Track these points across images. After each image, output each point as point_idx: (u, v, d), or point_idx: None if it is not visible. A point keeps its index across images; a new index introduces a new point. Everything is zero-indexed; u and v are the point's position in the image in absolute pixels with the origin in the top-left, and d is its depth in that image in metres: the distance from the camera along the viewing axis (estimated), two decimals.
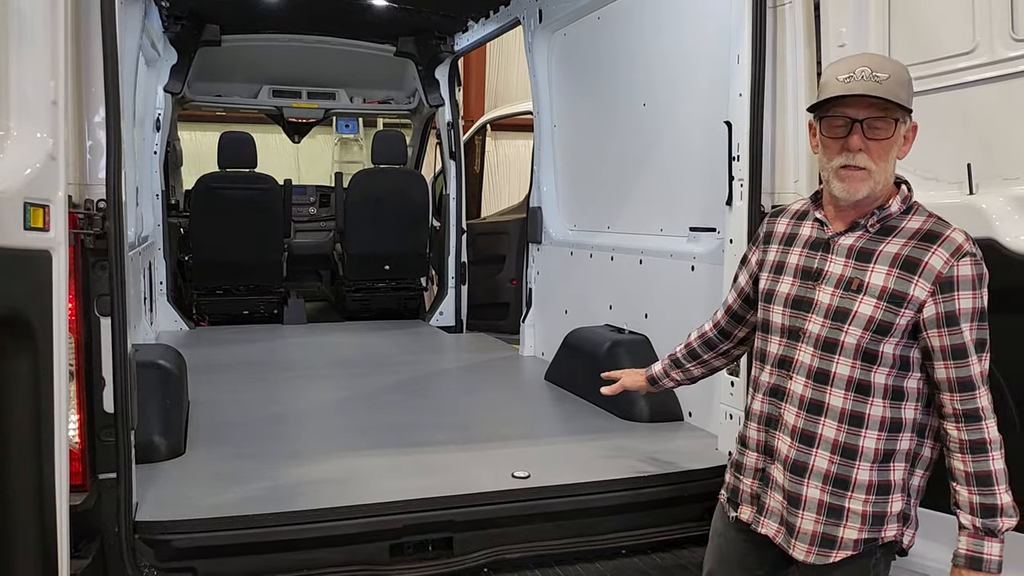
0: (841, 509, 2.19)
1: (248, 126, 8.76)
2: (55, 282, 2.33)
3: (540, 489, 3.18)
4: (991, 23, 2.55)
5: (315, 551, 2.90)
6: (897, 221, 2.19)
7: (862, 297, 2.15)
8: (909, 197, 2.22)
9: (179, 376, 3.94)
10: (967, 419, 2.11)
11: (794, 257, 2.31)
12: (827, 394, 2.20)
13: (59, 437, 2.36)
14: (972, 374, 2.10)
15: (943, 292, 2.09)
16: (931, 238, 2.13)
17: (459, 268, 7.62)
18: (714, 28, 3.85)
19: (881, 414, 2.17)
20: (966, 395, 2.11)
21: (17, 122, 2.30)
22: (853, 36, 2.85)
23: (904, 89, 2.13)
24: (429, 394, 5.08)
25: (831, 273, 2.22)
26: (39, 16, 2.31)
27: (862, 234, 2.21)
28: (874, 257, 2.16)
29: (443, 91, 7.69)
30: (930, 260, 2.10)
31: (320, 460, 3.55)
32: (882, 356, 2.15)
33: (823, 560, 2.21)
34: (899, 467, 2.21)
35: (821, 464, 2.20)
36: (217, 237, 7.25)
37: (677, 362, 2.85)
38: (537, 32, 5.80)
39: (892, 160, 2.17)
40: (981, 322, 2.11)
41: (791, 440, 2.25)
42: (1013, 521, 2.08)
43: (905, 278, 2.11)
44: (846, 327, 2.16)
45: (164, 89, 6.68)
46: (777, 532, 2.29)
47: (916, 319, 2.12)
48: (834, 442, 2.19)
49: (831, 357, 2.19)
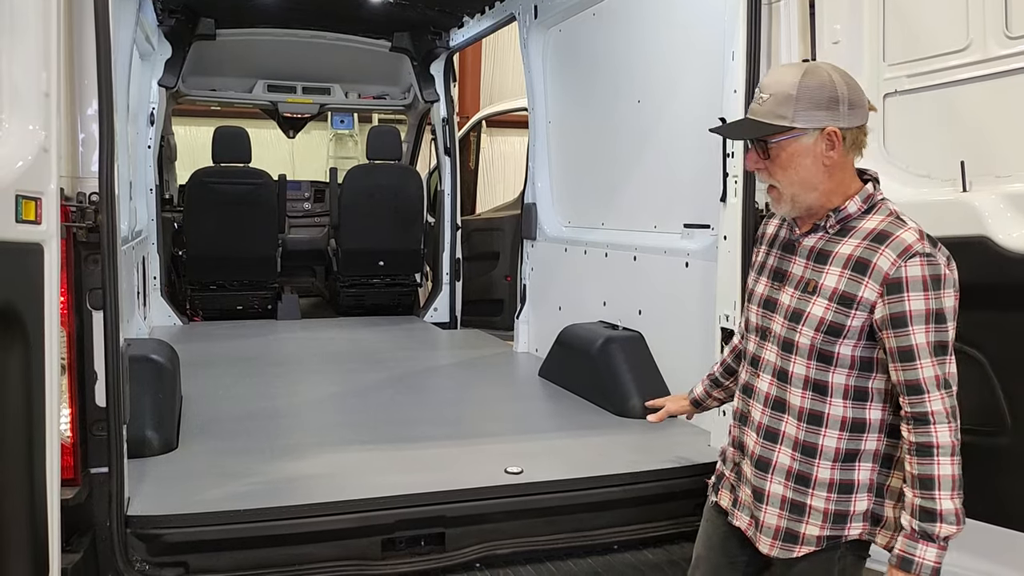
0: (803, 506, 2.22)
1: (243, 121, 8.75)
2: (47, 275, 2.31)
3: (533, 485, 3.19)
4: (984, 21, 2.56)
5: (307, 546, 2.90)
6: (856, 221, 2.18)
7: (815, 298, 2.18)
8: (873, 196, 2.20)
9: (172, 371, 3.93)
10: (916, 422, 2.09)
11: (771, 258, 2.36)
12: (788, 392, 2.24)
13: (50, 431, 2.35)
14: (920, 377, 2.07)
15: (890, 293, 2.07)
16: (881, 239, 2.11)
17: (453, 264, 7.61)
18: (709, 24, 3.84)
19: (842, 414, 2.18)
20: (915, 398, 2.09)
21: (9, 114, 2.28)
22: (847, 33, 2.86)
23: (787, 105, 2.11)
24: (423, 390, 5.08)
25: (793, 274, 2.26)
26: (31, 7, 2.29)
27: (822, 235, 2.22)
28: (830, 258, 2.18)
29: (438, 87, 7.67)
30: (878, 261, 2.09)
31: (313, 455, 3.54)
32: (838, 357, 2.16)
33: (786, 554, 2.25)
34: (865, 467, 2.20)
35: (784, 460, 2.24)
36: (211, 232, 7.23)
37: (716, 381, 2.83)
38: (532, 28, 5.79)
39: (802, 170, 2.15)
40: (939, 324, 2.06)
41: (757, 436, 2.30)
42: (953, 529, 2.05)
43: (856, 279, 2.11)
44: (800, 328, 2.19)
45: (158, 83, 6.65)
46: (748, 525, 2.35)
47: (870, 320, 2.11)
48: (795, 440, 2.23)
49: (790, 357, 2.23)
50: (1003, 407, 2.49)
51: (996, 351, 2.50)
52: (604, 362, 4.42)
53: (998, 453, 2.50)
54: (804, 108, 2.11)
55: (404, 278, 8.11)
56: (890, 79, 2.82)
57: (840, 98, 2.12)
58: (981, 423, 2.55)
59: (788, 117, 2.12)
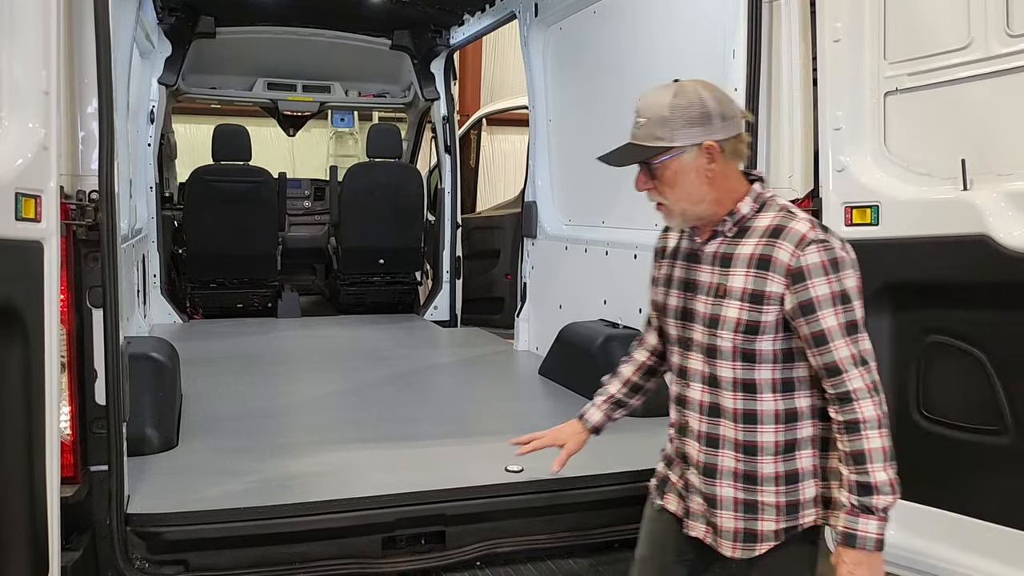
0: (755, 503, 2.26)
1: (243, 119, 8.73)
2: (47, 273, 2.32)
3: (533, 483, 3.18)
4: (986, 19, 2.55)
5: (307, 544, 2.90)
6: (752, 221, 2.25)
7: (727, 301, 2.22)
8: (761, 195, 2.27)
9: (172, 369, 3.93)
10: (840, 401, 2.15)
11: (678, 270, 2.40)
12: (720, 397, 2.27)
13: (50, 429, 2.35)
14: (837, 358, 2.13)
15: (796, 283, 2.14)
16: (777, 233, 2.18)
17: (454, 262, 7.60)
18: (709, 22, 3.84)
19: (774, 408, 2.23)
20: (835, 379, 2.15)
21: (8, 112, 2.28)
22: (848, 31, 2.86)
23: (663, 127, 2.19)
24: (423, 388, 5.08)
25: (702, 282, 2.31)
26: (31, 6, 2.29)
27: (722, 240, 2.28)
28: (733, 261, 2.23)
29: (439, 85, 7.66)
30: (778, 255, 2.15)
31: (313, 453, 3.54)
32: (760, 354, 2.21)
33: (749, 554, 2.28)
34: (806, 455, 2.25)
35: (728, 464, 2.27)
36: (211, 230, 7.23)
37: (620, 403, 2.79)
38: (533, 26, 5.79)
39: (690, 185, 2.22)
40: (845, 304, 2.13)
41: (699, 444, 2.33)
42: (890, 499, 2.13)
43: (761, 276, 2.17)
44: (719, 332, 2.23)
45: (158, 81, 6.65)
46: (706, 533, 2.36)
47: (783, 312, 2.17)
48: (735, 441, 2.26)
49: (715, 362, 2.26)
50: (1004, 406, 2.49)
51: (997, 350, 2.50)
52: (605, 360, 4.41)
53: (1000, 453, 2.50)
54: (680, 127, 2.19)
55: (404, 276, 8.10)
56: (891, 77, 2.81)
57: (712, 113, 2.20)
58: (982, 422, 2.56)
59: (666, 138, 2.19)
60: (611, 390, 2.77)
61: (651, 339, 2.66)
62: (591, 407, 2.80)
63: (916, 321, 2.72)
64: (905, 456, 2.76)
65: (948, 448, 2.65)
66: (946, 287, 2.62)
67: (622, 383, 2.76)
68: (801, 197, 3.23)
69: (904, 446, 2.75)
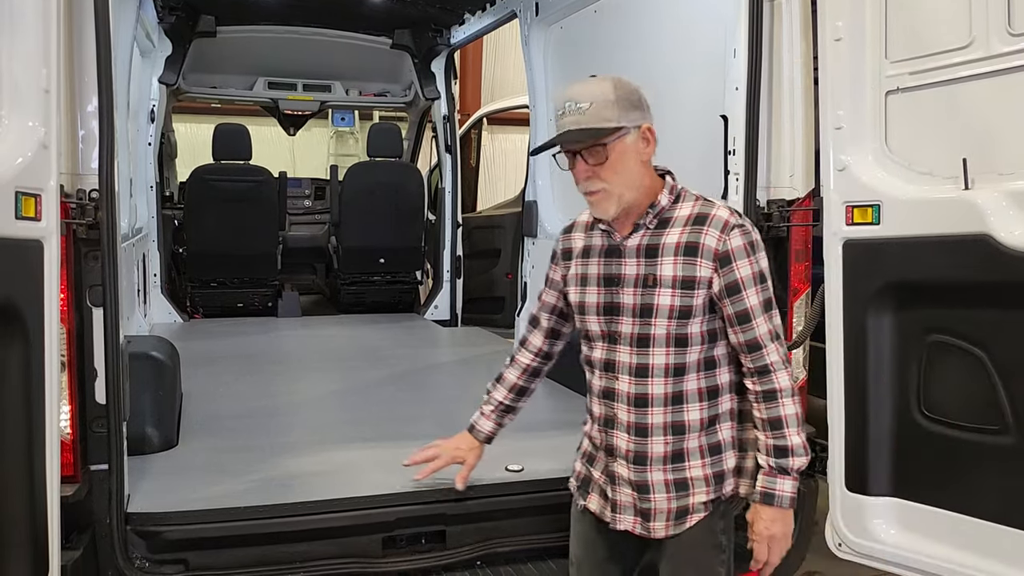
0: (685, 481, 2.36)
1: (243, 118, 8.72)
2: (47, 272, 2.31)
3: (534, 482, 3.18)
4: (987, 18, 2.54)
5: (308, 543, 2.90)
6: (670, 212, 2.37)
7: (659, 290, 2.31)
8: (675, 187, 2.41)
9: (172, 368, 3.92)
10: (759, 375, 2.33)
11: (594, 267, 2.45)
12: (650, 385, 2.34)
13: (50, 428, 2.35)
14: (758, 335, 2.31)
15: (723, 266, 2.29)
16: (701, 220, 2.32)
17: (454, 262, 7.59)
18: (710, 21, 3.84)
19: (698, 387, 2.36)
20: (756, 354, 2.32)
21: (8, 110, 2.28)
22: (849, 30, 2.85)
23: (610, 108, 2.29)
24: (423, 387, 5.08)
25: (628, 275, 2.37)
26: (31, 4, 2.29)
27: (644, 232, 2.37)
28: (659, 251, 2.33)
29: (439, 84, 7.65)
30: (705, 240, 2.29)
31: (313, 452, 3.54)
32: (691, 337, 2.33)
33: (680, 530, 2.37)
34: (725, 427, 2.40)
35: (658, 449, 2.36)
36: (211, 229, 7.22)
37: (508, 408, 2.86)
38: (533, 25, 5.78)
39: (629, 168, 2.32)
40: (763, 284, 2.32)
41: (628, 435, 2.39)
42: (803, 460, 2.32)
43: (690, 262, 2.30)
44: (653, 320, 2.32)
45: (159, 80, 6.64)
46: (634, 524, 2.42)
47: (710, 295, 2.31)
48: (664, 425, 2.35)
49: (647, 351, 2.34)
50: (1005, 406, 2.48)
51: (998, 350, 2.49)
52: None
53: (1001, 452, 2.50)
54: (625, 109, 2.31)
55: (405, 275, 8.10)
56: (892, 76, 2.80)
57: (643, 100, 2.36)
58: (984, 422, 2.55)
59: (615, 119, 2.29)
60: (498, 397, 2.84)
61: (536, 341, 2.76)
62: (480, 418, 2.87)
63: (917, 320, 2.71)
64: (906, 456, 2.77)
65: (949, 448, 2.64)
66: (947, 287, 2.62)
67: (508, 389, 2.83)
68: (802, 196, 3.23)
69: (905, 446, 2.76)
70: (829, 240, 2.88)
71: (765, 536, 2.35)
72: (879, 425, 2.79)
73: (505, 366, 2.85)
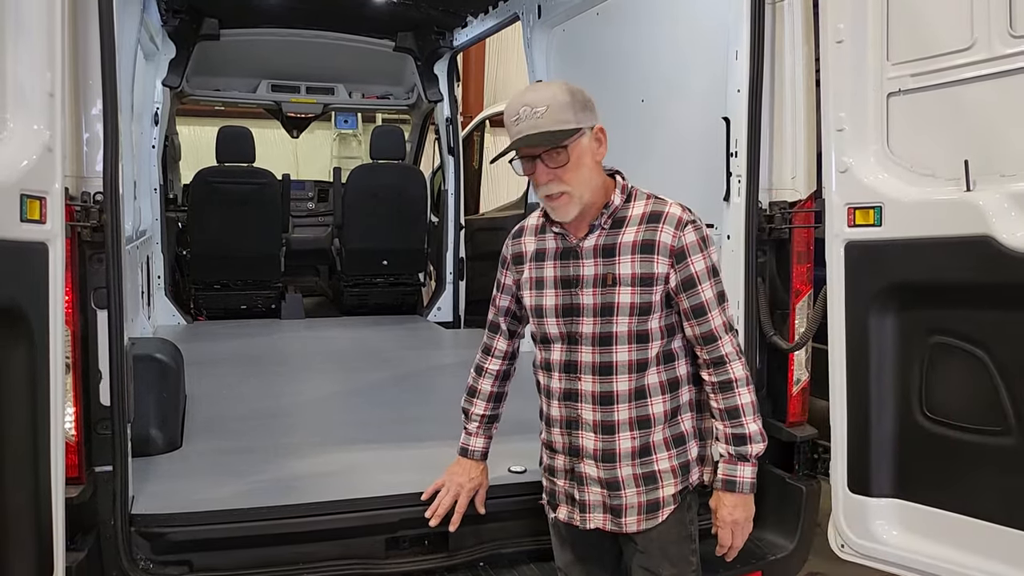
0: (654, 474, 2.40)
1: (246, 121, 8.75)
2: (51, 274, 2.32)
3: (536, 484, 3.17)
4: (989, 20, 2.55)
5: (311, 544, 2.90)
6: (624, 211, 2.41)
7: (618, 288, 2.35)
8: (626, 186, 2.45)
9: (176, 370, 3.93)
10: (715, 366, 2.39)
11: (550, 270, 2.47)
12: (613, 383, 2.38)
13: (55, 430, 2.35)
14: (713, 327, 2.37)
15: (679, 262, 2.35)
16: (656, 218, 2.37)
17: (457, 264, 7.60)
18: (712, 24, 3.84)
19: (659, 380, 2.41)
20: (711, 346, 2.39)
21: (13, 114, 2.29)
22: (851, 32, 2.85)
23: (566, 111, 2.30)
24: (426, 389, 5.08)
25: (586, 276, 2.40)
26: (36, 7, 2.30)
27: (600, 232, 2.40)
28: (616, 250, 2.37)
29: (442, 87, 7.66)
30: (661, 238, 2.34)
31: (317, 454, 3.54)
32: (651, 332, 2.38)
33: (653, 523, 2.41)
34: (687, 417, 2.46)
35: (626, 445, 2.40)
36: (215, 232, 7.22)
37: (493, 418, 2.90)
38: (536, 28, 5.79)
39: (587, 168, 2.35)
40: (715, 278, 2.39)
41: (595, 434, 2.42)
42: (761, 446, 2.39)
43: (647, 260, 2.34)
44: (615, 319, 2.35)
45: (162, 83, 6.65)
46: (604, 521, 2.45)
47: (667, 291, 2.36)
48: (629, 420, 2.38)
49: (609, 349, 2.37)
50: (1007, 407, 2.48)
51: (999, 351, 2.49)
52: None
53: (1002, 453, 2.50)
54: (579, 110, 2.33)
55: (408, 277, 8.10)
56: (894, 78, 2.81)
57: (592, 101, 2.39)
58: (985, 423, 2.55)
59: (572, 120, 2.31)
60: (479, 411, 2.86)
61: (502, 345, 2.81)
62: (470, 439, 2.89)
63: (919, 322, 2.71)
64: (908, 457, 2.77)
65: (951, 449, 2.65)
66: (949, 288, 2.62)
67: (487, 399, 2.87)
68: (804, 198, 3.24)
69: (907, 447, 2.76)
70: (831, 242, 2.89)
71: (728, 522, 2.42)
72: (881, 426, 2.80)
73: (473, 378, 2.88)
